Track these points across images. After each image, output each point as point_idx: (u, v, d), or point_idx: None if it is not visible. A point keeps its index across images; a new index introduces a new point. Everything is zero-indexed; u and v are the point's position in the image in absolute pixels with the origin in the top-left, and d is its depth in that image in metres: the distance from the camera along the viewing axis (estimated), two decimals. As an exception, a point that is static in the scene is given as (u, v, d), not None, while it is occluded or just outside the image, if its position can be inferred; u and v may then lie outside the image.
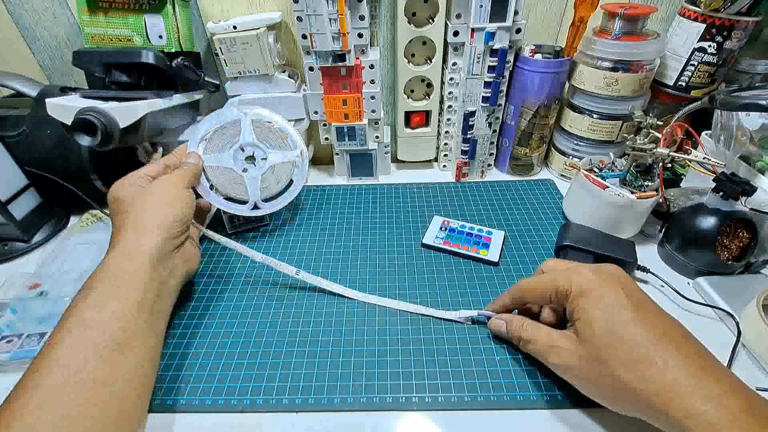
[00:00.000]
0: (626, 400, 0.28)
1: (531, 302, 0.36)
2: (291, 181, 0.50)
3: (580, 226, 0.47)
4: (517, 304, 0.37)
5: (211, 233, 0.44)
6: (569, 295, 0.31)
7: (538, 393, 0.34)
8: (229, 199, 0.48)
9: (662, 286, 0.43)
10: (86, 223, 0.52)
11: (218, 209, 0.49)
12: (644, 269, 0.44)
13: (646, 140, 0.45)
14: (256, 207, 0.48)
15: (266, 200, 0.49)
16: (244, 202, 0.48)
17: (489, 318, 0.38)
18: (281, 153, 0.48)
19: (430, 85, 0.58)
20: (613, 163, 0.51)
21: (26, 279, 0.44)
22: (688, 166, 0.53)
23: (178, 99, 0.49)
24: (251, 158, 0.48)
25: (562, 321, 0.35)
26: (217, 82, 0.53)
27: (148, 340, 0.32)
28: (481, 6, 0.46)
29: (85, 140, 0.41)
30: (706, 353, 0.27)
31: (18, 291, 0.43)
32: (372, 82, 0.53)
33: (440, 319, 0.41)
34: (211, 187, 0.47)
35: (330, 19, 0.46)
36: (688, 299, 0.41)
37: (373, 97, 0.55)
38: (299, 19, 0.47)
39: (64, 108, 0.41)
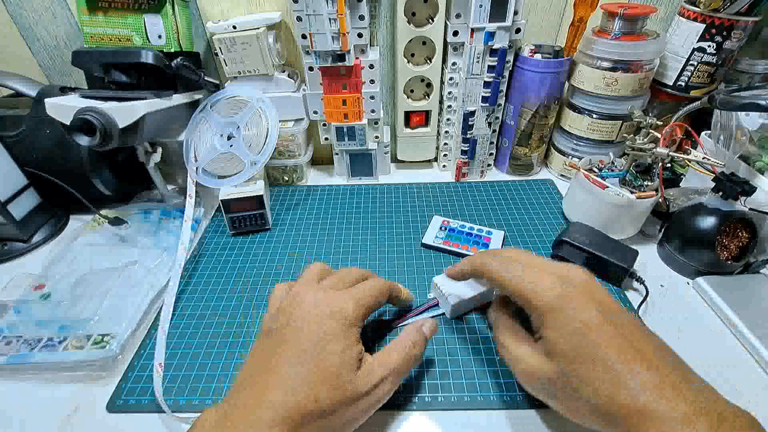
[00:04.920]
0: (592, 419, 0.27)
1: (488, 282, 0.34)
2: (267, 124, 0.51)
3: (586, 226, 0.47)
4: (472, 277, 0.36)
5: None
6: (532, 305, 0.29)
7: (537, 393, 0.34)
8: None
9: (661, 286, 0.43)
10: (97, 223, 0.52)
11: (221, 209, 0.49)
12: (639, 280, 0.43)
13: (645, 140, 0.45)
14: (254, 163, 0.49)
15: (258, 153, 0.51)
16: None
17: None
18: (245, 111, 0.51)
19: (429, 85, 0.58)
20: (612, 162, 0.51)
21: (32, 280, 0.44)
22: (688, 165, 0.53)
23: (177, 99, 0.49)
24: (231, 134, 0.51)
25: None
26: (217, 82, 0.53)
27: None
28: (481, 6, 0.46)
29: (84, 140, 0.41)
30: (680, 366, 0.26)
31: (23, 291, 0.43)
32: (372, 82, 0.53)
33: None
34: (220, 177, 0.50)
35: (330, 19, 0.46)
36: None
37: (372, 97, 0.55)
38: (299, 19, 0.47)
39: (63, 108, 0.41)
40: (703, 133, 0.52)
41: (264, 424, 0.25)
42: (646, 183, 0.47)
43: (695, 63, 0.51)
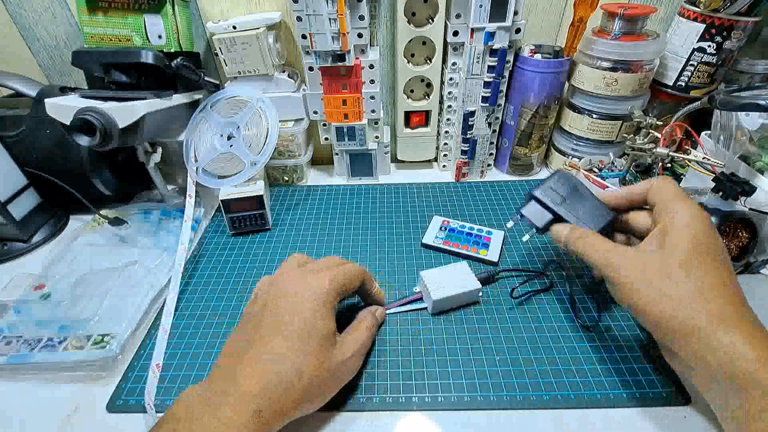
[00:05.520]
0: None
1: (633, 200, 0.36)
2: (267, 125, 0.50)
3: (570, 178, 0.40)
4: (627, 202, 0.37)
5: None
6: (671, 207, 0.32)
7: (538, 393, 0.34)
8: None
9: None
10: (97, 223, 0.52)
11: (221, 209, 0.49)
12: None
13: (645, 140, 0.45)
14: (254, 163, 0.49)
15: (258, 153, 0.50)
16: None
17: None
18: (245, 111, 0.51)
19: (429, 85, 0.58)
20: (612, 163, 0.51)
21: (32, 280, 0.44)
22: (688, 166, 0.53)
23: (177, 99, 0.49)
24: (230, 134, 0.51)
25: None
26: (217, 82, 0.53)
27: None
28: (481, 6, 0.46)
29: (84, 140, 0.41)
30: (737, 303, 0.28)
31: (23, 291, 0.43)
32: (372, 82, 0.53)
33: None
34: (220, 177, 0.50)
35: (330, 19, 0.46)
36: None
37: (372, 97, 0.55)
38: (299, 19, 0.47)
39: (63, 108, 0.41)
40: (703, 133, 0.52)
41: (246, 397, 0.27)
42: (646, 183, 0.47)
43: (695, 63, 0.51)
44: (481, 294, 0.42)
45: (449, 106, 0.58)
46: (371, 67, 0.52)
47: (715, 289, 0.28)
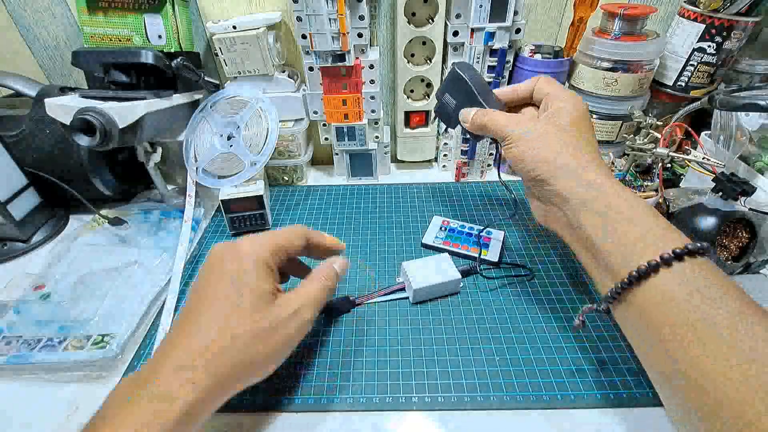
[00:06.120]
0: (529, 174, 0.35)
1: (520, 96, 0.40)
2: (267, 125, 0.51)
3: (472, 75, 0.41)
4: (515, 96, 0.40)
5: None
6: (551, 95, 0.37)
7: (537, 393, 0.34)
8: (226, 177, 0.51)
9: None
10: (97, 223, 0.52)
11: (221, 209, 0.49)
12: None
13: (645, 140, 0.45)
14: (254, 163, 0.49)
15: (258, 153, 0.50)
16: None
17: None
18: (245, 111, 0.51)
19: (429, 85, 0.58)
20: (612, 163, 0.51)
21: (32, 280, 0.44)
22: (688, 166, 0.53)
23: (177, 99, 0.49)
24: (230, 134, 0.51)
25: None
26: (217, 82, 0.53)
27: None
28: (481, 6, 0.46)
29: (84, 140, 0.41)
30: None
31: (23, 291, 0.43)
32: (372, 82, 0.53)
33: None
34: (220, 177, 0.50)
35: (330, 19, 0.46)
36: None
37: (372, 97, 0.55)
38: (299, 19, 0.47)
39: (63, 108, 0.41)
40: (703, 134, 0.52)
41: (178, 370, 0.26)
42: (646, 183, 0.47)
43: (695, 63, 0.51)
44: (462, 285, 0.43)
45: (449, 106, 0.58)
46: (371, 67, 0.52)
47: (588, 146, 0.34)
